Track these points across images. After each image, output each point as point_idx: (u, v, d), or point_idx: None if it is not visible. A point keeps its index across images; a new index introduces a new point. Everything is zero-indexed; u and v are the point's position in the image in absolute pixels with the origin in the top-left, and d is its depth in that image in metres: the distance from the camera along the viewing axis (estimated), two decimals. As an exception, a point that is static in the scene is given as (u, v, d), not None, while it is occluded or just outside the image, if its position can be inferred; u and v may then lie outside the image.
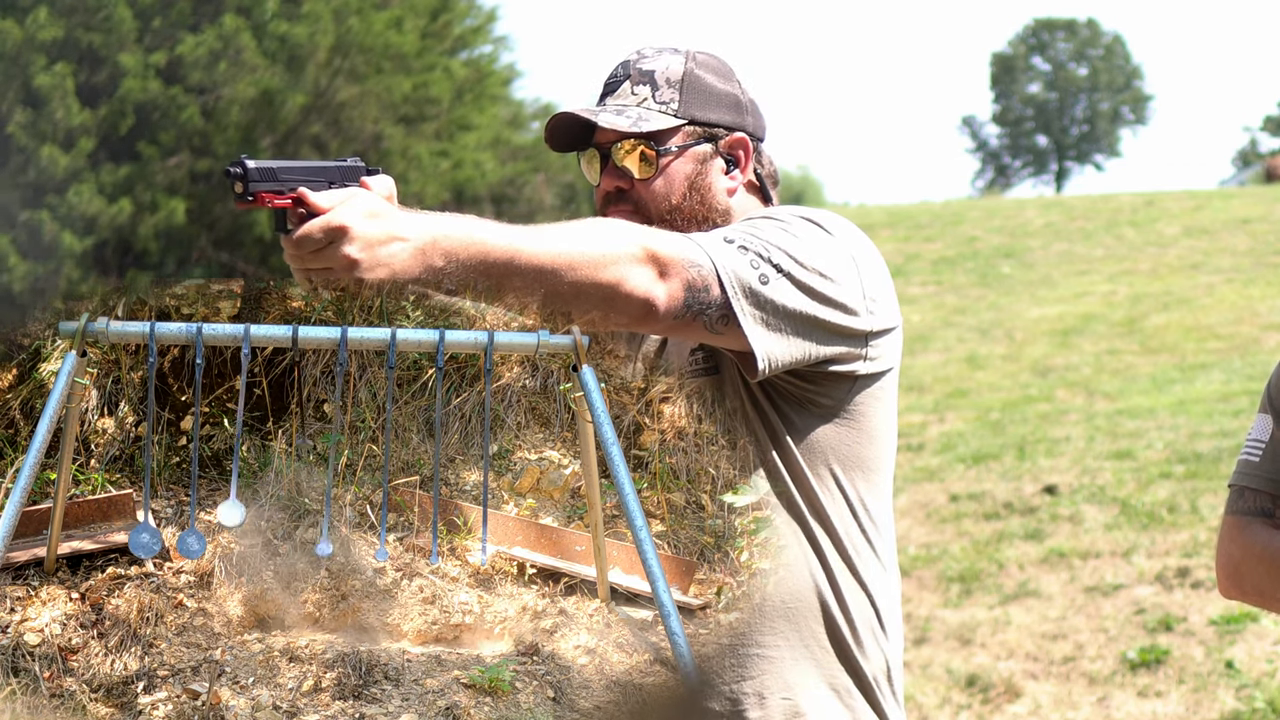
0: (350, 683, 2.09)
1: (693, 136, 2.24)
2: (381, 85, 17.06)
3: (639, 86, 2.25)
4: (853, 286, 2.12)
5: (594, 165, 2.26)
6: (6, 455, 2.33)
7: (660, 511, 2.42)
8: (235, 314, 2.44)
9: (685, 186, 2.23)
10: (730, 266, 2.02)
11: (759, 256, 2.04)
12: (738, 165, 2.27)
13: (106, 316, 2.05)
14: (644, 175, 2.22)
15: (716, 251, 2.02)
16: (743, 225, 2.11)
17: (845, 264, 2.12)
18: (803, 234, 2.10)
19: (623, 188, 2.23)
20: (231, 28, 16.04)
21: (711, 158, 2.25)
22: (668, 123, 2.22)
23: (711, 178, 2.25)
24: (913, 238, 20.38)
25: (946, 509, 8.18)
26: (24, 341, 2.44)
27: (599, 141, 2.25)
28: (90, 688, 2.05)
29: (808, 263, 2.07)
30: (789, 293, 2.05)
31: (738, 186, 2.27)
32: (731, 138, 2.27)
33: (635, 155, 2.22)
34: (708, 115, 2.25)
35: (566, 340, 2.11)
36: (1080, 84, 63.10)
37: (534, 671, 2.16)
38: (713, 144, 2.25)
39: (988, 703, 5.69)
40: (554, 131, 2.25)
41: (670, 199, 2.22)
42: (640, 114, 2.23)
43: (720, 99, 2.28)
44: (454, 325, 2.44)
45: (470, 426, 2.50)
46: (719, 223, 2.23)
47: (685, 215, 2.23)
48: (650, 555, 2.04)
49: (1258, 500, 2.36)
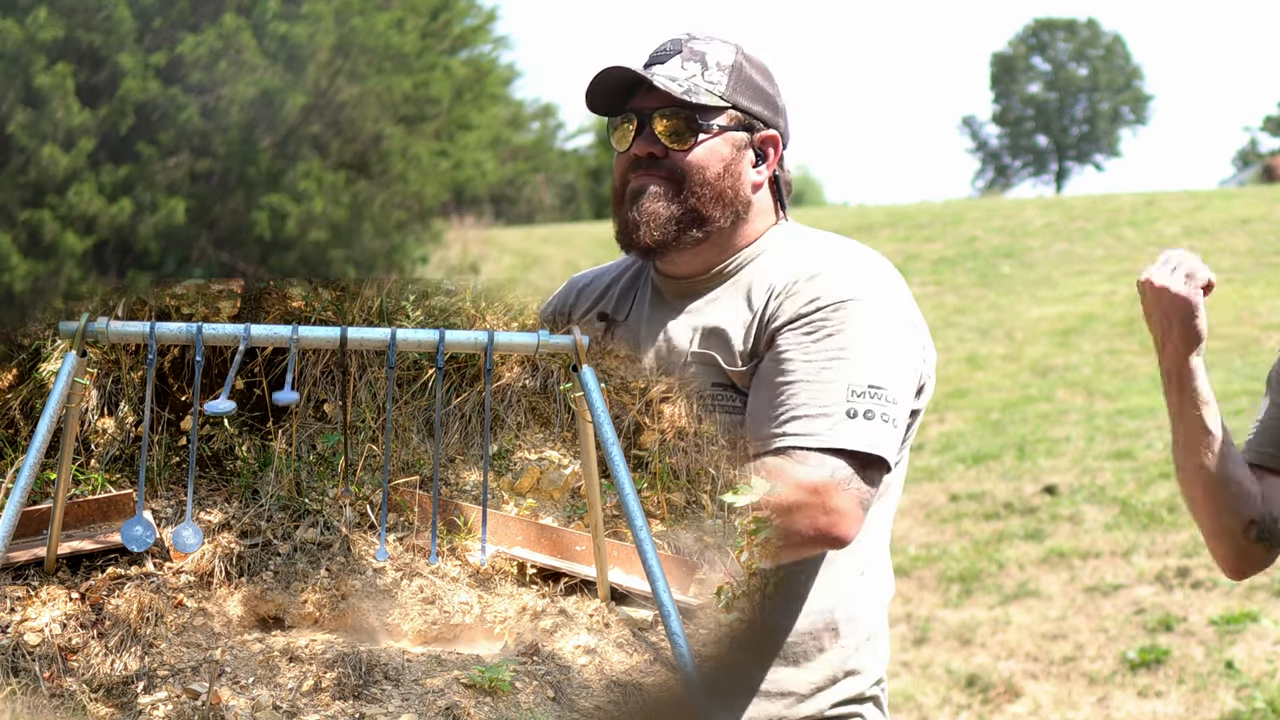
0: (350, 683, 2.09)
1: (734, 122, 2.25)
2: (382, 85, 17.05)
3: (689, 63, 2.25)
4: (920, 371, 2.23)
5: (628, 130, 2.25)
6: (6, 455, 2.33)
7: (660, 511, 2.42)
8: (235, 314, 2.44)
9: (720, 167, 2.24)
10: (866, 445, 2.10)
11: (881, 419, 2.13)
12: (765, 161, 2.29)
13: (106, 316, 2.05)
14: (682, 146, 2.22)
15: (852, 439, 2.10)
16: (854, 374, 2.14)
17: (917, 363, 2.22)
18: (897, 358, 2.18)
19: (656, 154, 2.23)
20: (231, 27, 16.03)
21: (745, 147, 2.27)
22: (714, 101, 2.23)
23: (743, 166, 2.26)
24: (913, 238, 20.37)
25: (946, 509, 8.18)
26: (24, 341, 2.44)
27: (639, 107, 2.24)
28: (90, 688, 2.05)
29: (905, 393, 2.17)
30: (900, 416, 2.16)
31: (763, 182, 2.29)
32: (766, 133, 2.28)
33: (678, 124, 2.23)
34: (751, 106, 2.27)
35: (566, 340, 2.11)
36: (1080, 84, 63.10)
37: (534, 671, 2.16)
38: (750, 134, 2.27)
39: (988, 703, 5.69)
40: (598, 86, 2.25)
41: (706, 173, 2.23)
42: (691, 85, 2.23)
43: (761, 95, 2.29)
44: (454, 325, 2.44)
45: (470, 426, 2.50)
46: (741, 212, 2.26)
47: (716, 193, 2.24)
48: (650, 555, 2.04)
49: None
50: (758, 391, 2.16)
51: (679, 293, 2.30)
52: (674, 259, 2.26)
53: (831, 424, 2.09)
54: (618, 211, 2.27)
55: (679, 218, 2.22)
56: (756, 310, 2.21)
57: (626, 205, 2.24)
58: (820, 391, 2.10)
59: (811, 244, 2.29)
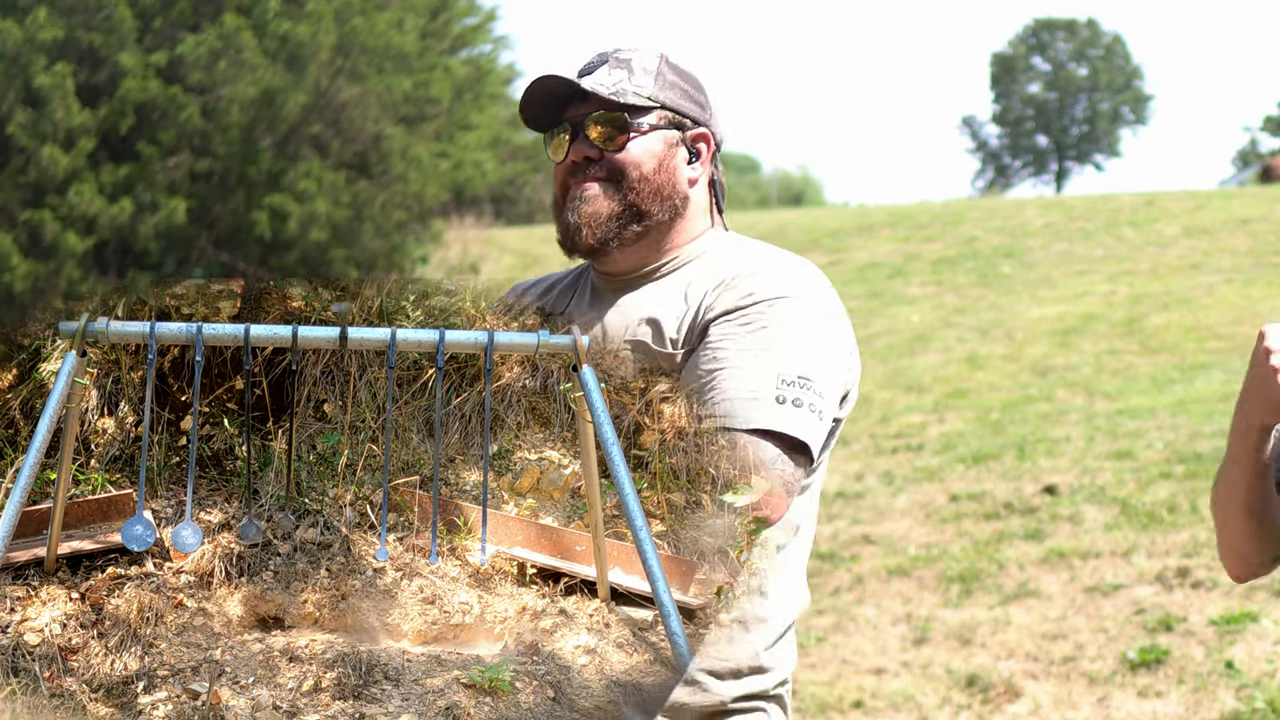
0: (350, 683, 2.09)
1: (664, 120, 2.34)
2: (382, 85, 17.05)
3: (615, 70, 2.34)
4: (847, 378, 2.30)
5: (563, 139, 2.34)
6: (6, 455, 2.33)
7: (660, 511, 2.42)
8: (235, 314, 2.44)
9: (655, 162, 2.32)
10: (794, 430, 2.16)
11: (809, 409, 2.18)
12: (699, 159, 2.37)
13: (106, 316, 2.05)
14: (615, 147, 2.30)
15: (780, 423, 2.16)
16: (784, 364, 2.19)
17: (844, 369, 2.28)
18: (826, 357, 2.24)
19: (592, 157, 2.31)
20: (232, 27, 16.03)
21: (677, 145, 2.35)
22: (643, 102, 2.32)
23: (677, 162, 2.34)
24: (913, 238, 20.37)
25: (946, 509, 8.18)
26: (24, 341, 2.44)
27: (571, 116, 2.33)
28: (90, 688, 2.05)
29: (832, 392, 2.23)
30: (827, 411, 2.22)
31: (698, 179, 2.37)
32: (696, 131, 2.37)
33: (609, 126, 2.31)
34: (678, 105, 2.36)
35: (566, 340, 2.11)
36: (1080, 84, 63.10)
37: (534, 671, 2.16)
38: (680, 132, 2.35)
39: (988, 703, 5.69)
40: (531, 99, 2.34)
41: (642, 167, 2.31)
42: (619, 89, 2.32)
43: (689, 95, 2.38)
44: (454, 325, 2.44)
45: (470, 426, 2.50)
46: (679, 206, 2.34)
47: (653, 188, 2.32)
48: (650, 555, 2.05)
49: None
50: (689, 378, 2.23)
51: (617, 288, 2.38)
52: (614, 257, 2.34)
53: (761, 408, 2.15)
54: (559, 217, 2.36)
55: (619, 214, 2.31)
56: (691, 303, 2.28)
57: (566, 210, 2.34)
58: (750, 378, 2.17)
59: (748, 248, 2.37)
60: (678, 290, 2.32)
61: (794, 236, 21.05)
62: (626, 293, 2.36)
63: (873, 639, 6.44)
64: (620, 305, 2.35)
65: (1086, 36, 63.41)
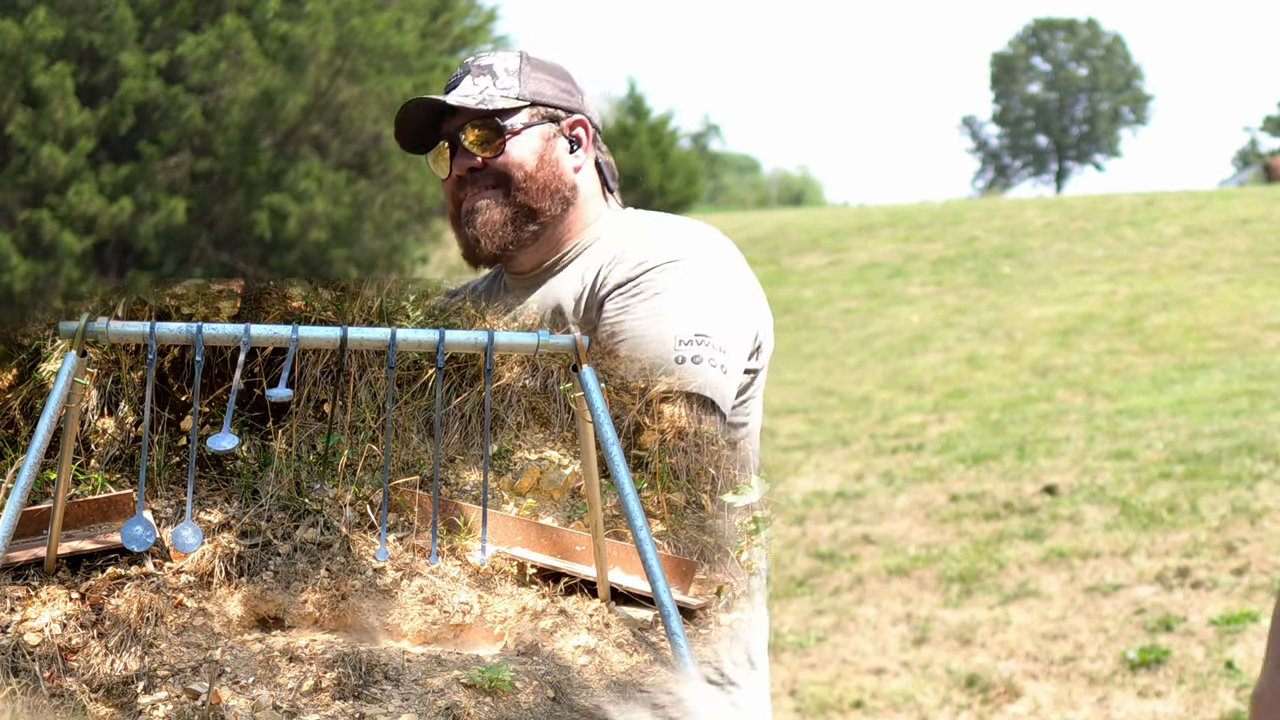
0: (350, 683, 2.09)
1: (536, 116, 2.37)
2: (382, 85, 17.05)
3: (479, 78, 2.38)
4: (754, 329, 2.32)
5: (444, 156, 2.37)
6: (6, 455, 2.33)
7: (660, 511, 2.42)
8: (235, 314, 2.44)
9: (536, 159, 2.35)
10: (695, 386, 2.20)
11: (708, 364, 2.22)
12: (580, 146, 2.40)
13: (106, 316, 2.05)
14: (493, 152, 2.34)
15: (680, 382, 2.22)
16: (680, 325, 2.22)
17: (749, 319, 2.31)
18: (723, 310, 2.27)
19: (475, 167, 2.34)
20: (232, 27, 16.03)
21: (555, 136, 2.38)
22: (511, 103, 2.35)
23: (558, 154, 2.38)
24: (913, 238, 20.37)
25: (946, 509, 8.18)
26: (24, 341, 2.43)
27: (446, 131, 2.36)
28: (90, 688, 2.05)
29: (736, 344, 2.26)
30: (732, 365, 2.25)
31: (583, 165, 2.40)
32: (572, 119, 2.40)
33: (485, 133, 2.34)
34: (547, 97, 2.39)
35: (566, 340, 2.11)
36: (1080, 84, 63.09)
37: (534, 671, 2.16)
38: (555, 124, 2.38)
39: (988, 703, 5.69)
40: (403, 128, 2.37)
41: (525, 167, 2.34)
42: (484, 97, 2.35)
43: (556, 87, 2.41)
44: (454, 325, 2.44)
45: (470, 426, 2.50)
46: (569, 197, 2.37)
47: (540, 184, 2.35)
48: (650, 555, 2.05)
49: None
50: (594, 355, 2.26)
51: (526, 284, 2.43)
52: (517, 259, 2.39)
53: (663, 372, 2.20)
54: (458, 233, 2.40)
55: (512, 218, 2.35)
56: (588, 282, 2.32)
57: (463, 224, 2.37)
58: (649, 345, 2.22)
59: (640, 221, 2.41)
60: (577, 272, 2.36)
61: (794, 236, 21.05)
62: (534, 288, 2.41)
63: (873, 639, 6.44)
64: (529, 299, 2.40)
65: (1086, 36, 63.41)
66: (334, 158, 17.36)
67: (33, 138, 15.28)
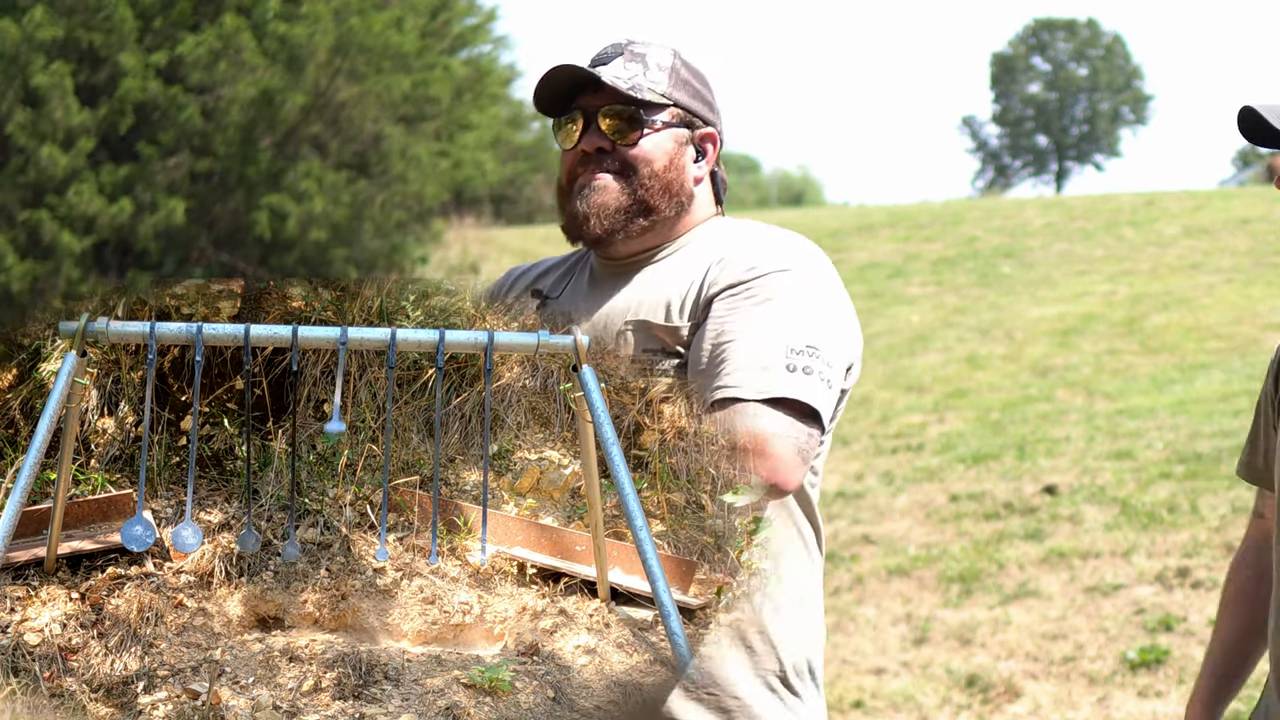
0: (350, 683, 2.09)
1: (675, 119, 2.36)
2: (381, 85, 17.05)
3: (631, 64, 2.36)
4: (852, 350, 2.32)
5: (575, 127, 2.35)
6: (6, 455, 2.33)
7: (660, 511, 2.42)
8: (235, 314, 2.44)
9: (666, 160, 2.35)
10: (805, 396, 2.18)
11: (818, 377, 2.20)
12: (705, 157, 2.40)
13: (106, 316, 2.05)
14: (629, 140, 2.33)
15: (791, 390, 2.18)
16: (792, 333, 2.21)
17: (849, 341, 2.31)
18: (832, 326, 2.27)
19: (604, 148, 2.33)
20: (231, 27, 16.03)
21: (686, 143, 2.38)
22: (657, 99, 2.34)
23: (685, 160, 2.38)
24: (913, 238, 20.37)
25: (946, 509, 8.18)
26: (24, 341, 2.43)
27: (585, 105, 2.34)
28: (90, 688, 2.05)
29: (839, 361, 2.26)
30: (835, 380, 2.24)
31: (703, 177, 2.41)
32: (705, 130, 2.40)
33: (623, 120, 2.33)
34: (690, 104, 2.39)
35: (566, 340, 2.11)
36: (1080, 84, 63.08)
37: (534, 671, 2.16)
38: (690, 130, 2.38)
39: (988, 703, 5.69)
40: (546, 86, 2.34)
41: (654, 164, 2.34)
42: (634, 84, 2.34)
43: (699, 96, 2.41)
44: (454, 325, 2.44)
45: (470, 426, 2.49)
46: (684, 203, 2.37)
47: (663, 184, 2.34)
48: (650, 555, 2.04)
49: (1255, 497, 2.39)
50: (698, 353, 2.25)
51: (617, 271, 2.40)
52: (618, 247, 2.37)
53: (771, 377, 2.17)
54: (565, 205, 2.38)
55: (627, 207, 2.33)
56: (694, 278, 2.30)
57: (574, 199, 2.35)
58: (759, 347, 2.19)
59: (747, 227, 2.41)
60: (679, 268, 2.35)
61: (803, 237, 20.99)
62: (629, 275, 2.38)
63: (873, 639, 6.44)
64: (623, 287, 2.37)
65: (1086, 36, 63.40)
66: (334, 158, 17.36)
67: (32, 138, 15.28)
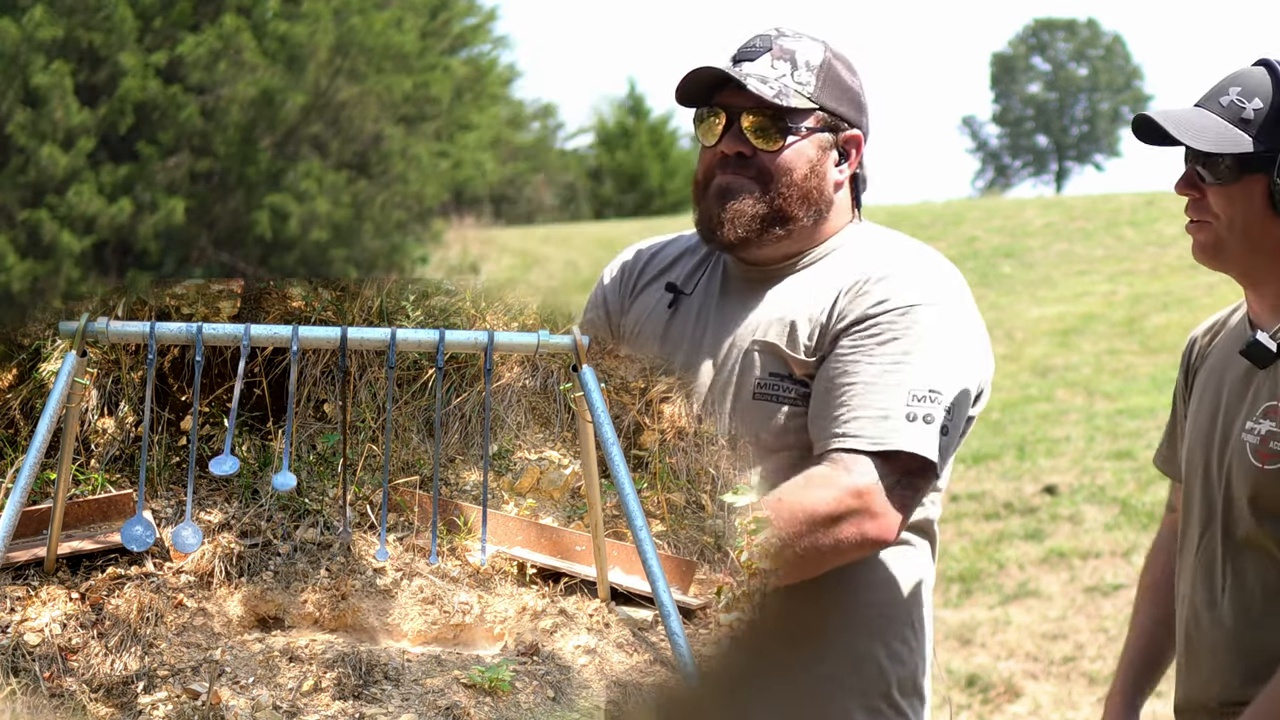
0: (350, 683, 2.09)
1: (821, 123, 2.28)
2: (382, 85, 17.04)
3: (779, 62, 2.28)
4: (980, 381, 2.30)
5: (716, 124, 2.27)
6: (6, 455, 2.33)
7: (660, 511, 2.42)
8: (235, 314, 2.44)
9: (807, 168, 2.27)
10: (921, 449, 2.15)
11: (941, 428, 2.17)
12: (847, 160, 2.32)
13: (106, 316, 2.05)
14: (771, 147, 2.25)
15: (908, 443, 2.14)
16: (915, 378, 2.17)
17: (978, 372, 2.28)
18: (958, 365, 2.23)
19: (745, 154, 2.25)
20: (232, 27, 16.02)
21: (830, 147, 2.30)
22: (803, 104, 2.26)
23: (827, 166, 2.29)
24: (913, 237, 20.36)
25: (947, 509, 8.18)
26: (24, 341, 2.44)
27: (728, 103, 2.26)
28: (90, 688, 2.05)
29: (963, 400, 2.23)
30: (955, 424, 2.22)
31: (844, 180, 2.32)
32: (849, 133, 2.31)
33: (766, 125, 2.25)
34: (838, 107, 2.29)
35: (566, 340, 2.11)
36: (1080, 84, 63.05)
37: (534, 671, 2.16)
38: (835, 135, 2.30)
39: (988, 703, 5.69)
40: (689, 82, 2.27)
41: (794, 174, 2.25)
42: (781, 87, 2.25)
43: (848, 95, 2.32)
44: (454, 325, 2.44)
45: (470, 426, 2.50)
46: (824, 210, 2.29)
47: (802, 194, 2.26)
48: (650, 555, 2.04)
49: (1169, 489, 2.43)
50: (820, 390, 2.18)
51: (751, 278, 2.31)
52: (753, 253, 2.29)
53: (891, 426, 2.13)
54: (699, 203, 2.30)
55: (764, 216, 2.25)
56: (824, 306, 2.23)
57: (711, 200, 2.27)
58: (881, 394, 2.14)
59: (884, 244, 2.33)
60: (811, 288, 2.27)
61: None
62: (762, 286, 2.30)
63: (873, 639, 6.44)
64: (754, 301, 2.29)
65: (1086, 36, 63.39)
66: (334, 157, 17.35)
67: (32, 137, 15.27)
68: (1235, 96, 2.12)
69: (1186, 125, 2.12)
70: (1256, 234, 2.14)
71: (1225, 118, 2.12)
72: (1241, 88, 2.12)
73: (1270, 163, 2.08)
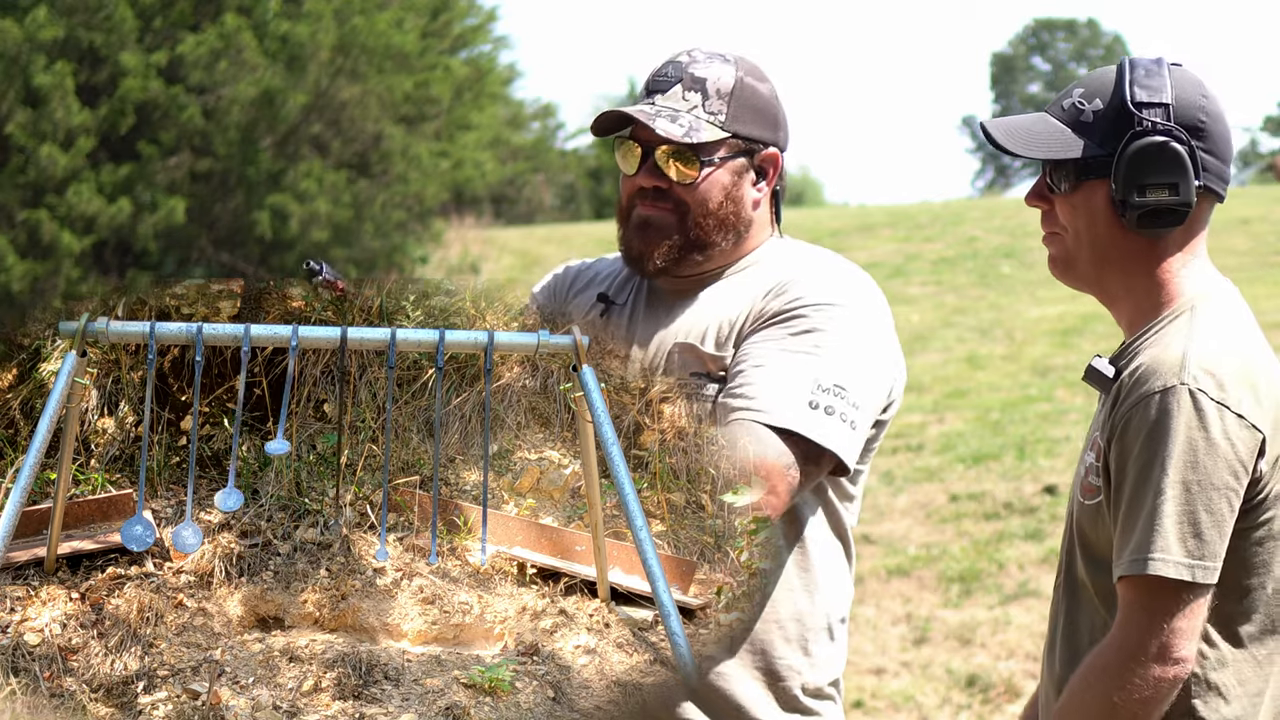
0: (350, 683, 2.09)
1: (734, 150, 2.33)
2: (382, 85, 17.05)
3: (690, 93, 2.33)
4: (890, 386, 2.32)
5: (633, 157, 2.34)
6: (6, 455, 2.33)
7: (660, 511, 2.42)
8: (235, 314, 2.44)
9: (722, 196, 2.33)
10: (817, 436, 2.17)
11: (839, 418, 2.19)
12: (765, 178, 2.38)
13: (106, 316, 2.05)
14: (685, 180, 2.31)
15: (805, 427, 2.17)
16: (822, 370, 2.20)
17: (887, 378, 2.30)
18: (868, 366, 2.26)
19: (661, 187, 2.32)
20: (232, 27, 16.03)
21: (746, 170, 2.35)
22: (715, 135, 2.31)
23: (744, 189, 2.35)
24: (913, 238, 20.37)
25: (946, 509, 8.18)
26: (24, 341, 2.44)
27: (643, 138, 2.33)
28: (90, 688, 2.05)
29: (871, 402, 2.25)
30: (862, 421, 2.23)
31: (762, 199, 2.38)
32: (766, 153, 2.37)
33: (680, 161, 2.31)
34: (750, 131, 2.34)
35: (566, 340, 2.11)
36: (1080, 84, 63.08)
37: (534, 671, 2.16)
38: (750, 158, 2.35)
39: (988, 703, 5.70)
40: (600, 123, 2.35)
41: (708, 204, 2.32)
42: (691, 122, 2.30)
43: (762, 114, 2.36)
44: (454, 325, 2.44)
45: (470, 426, 2.50)
46: (742, 231, 2.36)
47: (718, 220, 2.33)
48: (650, 555, 2.05)
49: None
50: (732, 372, 2.25)
51: (675, 289, 2.40)
52: (675, 274, 2.38)
53: (792, 409, 2.17)
54: (623, 228, 2.38)
55: (682, 245, 2.33)
56: (741, 309, 2.30)
57: (632, 232, 2.36)
58: (787, 378, 2.19)
59: (803, 254, 2.40)
60: (730, 296, 2.34)
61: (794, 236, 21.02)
62: (686, 296, 2.38)
63: (873, 639, 6.44)
64: (678, 308, 2.37)
65: (1086, 36, 63.42)
66: (334, 158, 17.36)
67: (32, 137, 15.28)
68: (1078, 98, 2.00)
69: (1017, 133, 2.01)
70: (1103, 244, 2.00)
71: (1065, 121, 2.00)
72: (1085, 89, 2.00)
73: (1108, 166, 1.95)
